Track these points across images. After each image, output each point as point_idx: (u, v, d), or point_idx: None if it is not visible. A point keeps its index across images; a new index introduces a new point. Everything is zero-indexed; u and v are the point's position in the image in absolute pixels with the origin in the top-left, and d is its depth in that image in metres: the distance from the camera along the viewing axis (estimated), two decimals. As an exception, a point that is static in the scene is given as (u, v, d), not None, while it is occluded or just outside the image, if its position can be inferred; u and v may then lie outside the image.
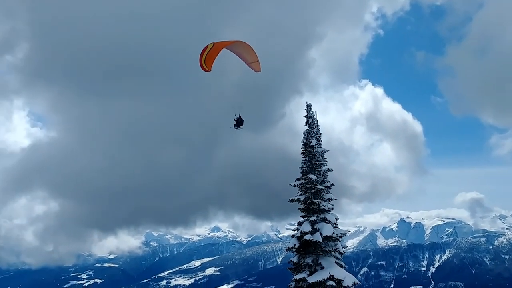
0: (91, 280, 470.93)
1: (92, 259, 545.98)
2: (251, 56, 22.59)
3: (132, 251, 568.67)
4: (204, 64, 20.54)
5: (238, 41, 21.79)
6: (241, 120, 23.28)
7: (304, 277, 22.77)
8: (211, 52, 20.43)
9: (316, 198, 24.16)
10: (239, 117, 23.42)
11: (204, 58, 20.46)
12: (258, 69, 23.47)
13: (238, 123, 23.39)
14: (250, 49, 22.09)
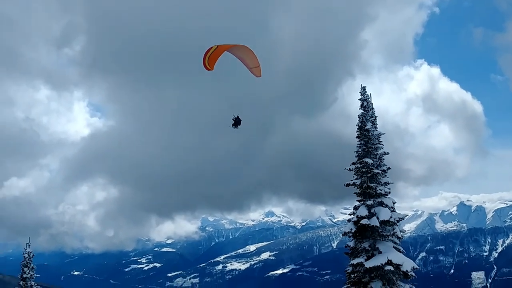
0: (150, 264, 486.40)
1: (151, 244, 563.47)
2: (252, 61, 22.81)
3: (188, 236, 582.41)
4: (207, 64, 21.15)
5: (241, 46, 22.01)
6: (238, 120, 23.69)
7: (362, 262, 22.57)
8: (214, 53, 20.98)
9: (373, 182, 23.80)
10: (237, 117, 23.81)
11: (207, 59, 21.02)
12: (259, 75, 23.68)
13: (236, 123, 23.85)
14: (252, 54, 22.33)
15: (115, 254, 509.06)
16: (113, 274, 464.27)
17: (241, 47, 22.13)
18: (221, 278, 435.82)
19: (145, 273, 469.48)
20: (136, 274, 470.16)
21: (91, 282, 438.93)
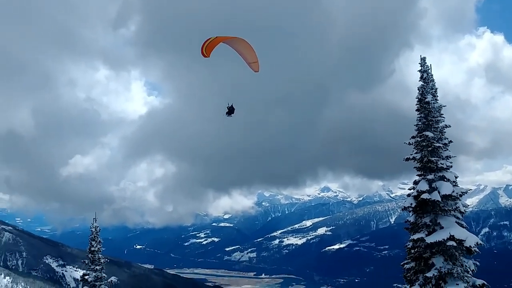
0: (209, 239, 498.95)
1: (209, 219, 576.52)
2: (251, 56, 22.74)
3: (245, 211, 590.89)
4: (205, 51, 21.79)
5: (238, 38, 22.16)
6: (232, 109, 23.98)
7: (422, 237, 22.12)
8: (211, 43, 21.66)
9: (433, 156, 23.12)
10: (231, 106, 24.09)
11: (205, 47, 21.73)
12: (257, 70, 23.50)
13: (230, 112, 24.16)
14: (250, 48, 22.30)
15: (175, 228, 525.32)
16: (173, 248, 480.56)
17: (238, 40, 22.30)
18: (277, 252, 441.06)
19: (203, 247, 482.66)
20: (195, 248, 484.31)
21: (153, 256, 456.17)
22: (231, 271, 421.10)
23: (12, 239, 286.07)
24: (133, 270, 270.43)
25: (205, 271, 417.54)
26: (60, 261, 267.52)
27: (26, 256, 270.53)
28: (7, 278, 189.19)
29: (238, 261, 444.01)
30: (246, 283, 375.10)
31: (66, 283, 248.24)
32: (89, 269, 16.75)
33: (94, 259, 16.89)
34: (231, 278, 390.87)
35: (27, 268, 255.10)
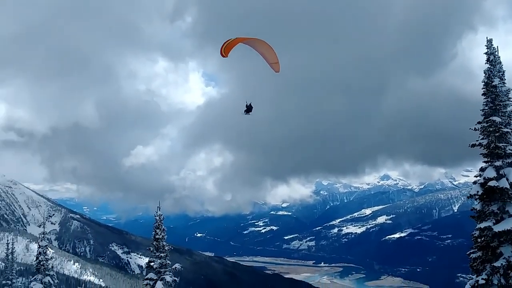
0: (267, 227, 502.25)
1: (267, 207, 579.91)
2: (272, 57, 22.93)
3: (303, 199, 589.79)
4: (223, 51, 21.97)
5: (258, 40, 22.53)
6: (250, 108, 24.29)
7: (490, 225, 21.27)
8: (230, 44, 21.88)
9: (501, 142, 22.08)
10: (249, 105, 24.29)
11: (224, 47, 21.88)
12: (278, 70, 23.66)
13: (248, 110, 24.43)
14: (270, 49, 22.63)
15: (234, 217, 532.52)
16: (233, 236, 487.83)
17: (258, 41, 22.62)
18: (336, 241, 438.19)
19: (262, 236, 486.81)
20: (254, 236, 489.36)
21: (213, 244, 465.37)
22: (290, 259, 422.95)
23: (80, 227, 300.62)
24: (194, 258, 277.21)
25: (264, 259, 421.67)
26: (125, 249, 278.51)
27: (93, 244, 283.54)
28: (76, 264, 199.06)
29: (297, 250, 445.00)
30: (305, 271, 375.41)
31: (131, 270, 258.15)
32: (154, 256, 17.33)
33: (159, 246, 17.45)
34: (290, 266, 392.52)
35: (95, 255, 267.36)
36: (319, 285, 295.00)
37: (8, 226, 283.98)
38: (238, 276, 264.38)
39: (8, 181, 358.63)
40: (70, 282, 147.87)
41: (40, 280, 18.02)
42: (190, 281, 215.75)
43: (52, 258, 18.68)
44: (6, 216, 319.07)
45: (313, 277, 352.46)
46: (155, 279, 17.32)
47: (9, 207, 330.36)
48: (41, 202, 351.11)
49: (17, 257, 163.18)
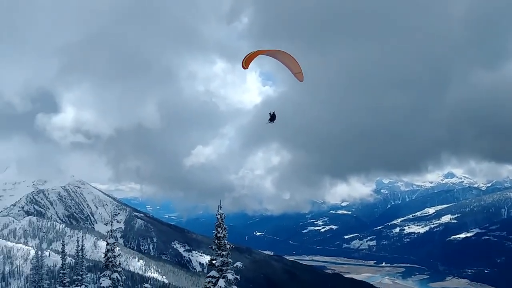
0: (327, 226, 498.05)
1: (326, 206, 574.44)
2: (295, 67, 23.71)
3: (363, 198, 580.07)
4: (244, 63, 22.92)
5: (280, 51, 23.39)
6: (274, 116, 24.75)
7: None
8: (251, 56, 22.83)
9: None
10: (272, 114, 24.80)
11: (245, 60, 22.83)
12: (301, 80, 24.37)
13: (272, 118, 24.91)
14: (293, 60, 23.44)
15: (293, 216, 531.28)
16: (292, 235, 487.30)
17: (280, 52, 23.48)
18: (398, 241, 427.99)
19: (322, 235, 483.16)
20: (313, 235, 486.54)
21: (272, 242, 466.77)
22: (351, 259, 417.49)
23: (144, 225, 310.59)
24: (254, 256, 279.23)
25: (324, 259, 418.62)
26: (186, 246, 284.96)
27: (157, 241, 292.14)
28: (141, 261, 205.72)
29: (357, 249, 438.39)
30: (366, 272, 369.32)
31: (193, 267, 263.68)
32: (216, 254, 17.56)
33: (220, 244, 17.67)
34: (351, 266, 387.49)
35: (158, 253, 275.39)
36: (381, 286, 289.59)
37: (78, 224, 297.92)
38: (298, 275, 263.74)
39: (77, 181, 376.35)
40: (135, 278, 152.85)
41: (108, 276, 18.75)
42: (250, 279, 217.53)
43: (119, 255, 19.38)
44: (76, 214, 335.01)
45: (375, 277, 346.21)
46: (217, 277, 17.56)
47: (78, 206, 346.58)
48: (107, 201, 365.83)
49: (86, 253, 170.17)
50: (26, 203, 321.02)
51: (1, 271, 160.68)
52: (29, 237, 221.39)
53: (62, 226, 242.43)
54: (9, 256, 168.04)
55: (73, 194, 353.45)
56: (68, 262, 27.41)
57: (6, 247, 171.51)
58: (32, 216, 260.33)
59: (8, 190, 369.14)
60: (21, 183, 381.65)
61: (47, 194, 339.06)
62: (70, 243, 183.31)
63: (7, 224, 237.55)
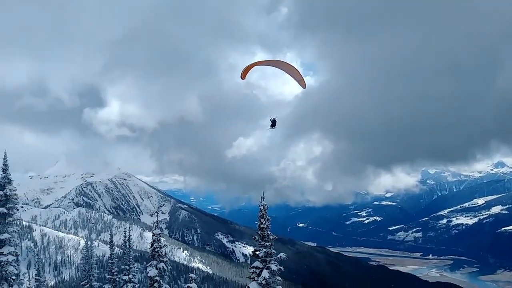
0: (371, 218, 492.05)
1: (370, 197, 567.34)
2: (296, 75, 24.79)
3: (408, 189, 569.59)
4: (242, 74, 24.70)
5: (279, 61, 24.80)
6: (275, 122, 26.04)
7: None
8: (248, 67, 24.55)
9: None
10: (273, 120, 26.01)
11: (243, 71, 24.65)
12: (304, 87, 25.61)
13: (272, 124, 26.14)
14: (293, 69, 24.59)
15: (335, 207, 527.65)
16: (335, 227, 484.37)
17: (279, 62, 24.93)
18: (446, 232, 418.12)
19: (365, 226, 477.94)
20: (357, 227, 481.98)
21: (315, 234, 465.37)
22: (396, 251, 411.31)
23: (188, 216, 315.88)
24: (296, 248, 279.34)
25: (368, 250, 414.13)
26: (229, 237, 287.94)
27: (200, 232, 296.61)
28: (185, 252, 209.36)
29: (403, 241, 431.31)
30: (412, 264, 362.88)
31: (236, 258, 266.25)
32: (259, 245, 17.56)
33: (264, 235, 17.64)
34: (396, 258, 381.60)
35: (202, 243, 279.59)
36: (428, 278, 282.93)
37: (124, 215, 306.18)
38: (342, 266, 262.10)
39: (123, 174, 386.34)
40: (180, 268, 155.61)
41: (155, 266, 19.10)
42: (293, 270, 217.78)
43: (165, 246, 19.72)
44: (122, 206, 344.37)
45: (421, 270, 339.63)
46: (261, 267, 17.56)
47: (125, 197, 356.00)
48: (152, 193, 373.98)
49: (133, 244, 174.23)
50: (75, 195, 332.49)
51: (53, 260, 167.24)
52: (79, 228, 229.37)
53: (109, 217, 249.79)
54: (61, 246, 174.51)
55: (119, 186, 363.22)
56: (116, 252, 28.16)
57: (58, 237, 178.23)
58: (81, 208, 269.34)
59: (59, 182, 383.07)
60: (71, 176, 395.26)
61: (95, 186, 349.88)
62: (118, 233, 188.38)
63: (59, 215, 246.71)
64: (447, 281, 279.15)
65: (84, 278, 29.74)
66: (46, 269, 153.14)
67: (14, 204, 19.56)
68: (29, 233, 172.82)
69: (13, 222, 19.55)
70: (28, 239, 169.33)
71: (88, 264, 29.72)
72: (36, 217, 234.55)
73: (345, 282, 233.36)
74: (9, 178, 19.54)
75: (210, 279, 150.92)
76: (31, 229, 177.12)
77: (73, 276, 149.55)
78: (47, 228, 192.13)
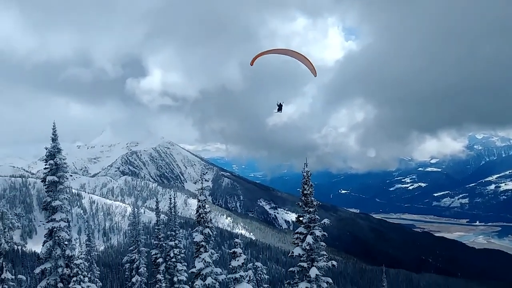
0: (415, 184, 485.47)
1: (414, 164, 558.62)
2: (307, 63, 25.18)
3: (454, 154, 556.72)
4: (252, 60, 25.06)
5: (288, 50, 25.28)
6: (281, 107, 26.73)
7: None
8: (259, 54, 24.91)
9: None
10: (280, 104, 26.69)
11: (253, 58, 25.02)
12: (315, 75, 25.84)
13: (279, 109, 26.78)
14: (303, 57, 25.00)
15: (379, 173, 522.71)
16: (378, 193, 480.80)
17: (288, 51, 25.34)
18: (493, 199, 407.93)
19: (410, 193, 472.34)
20: (401, 193, 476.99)
21: (358, 200, 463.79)
22: (441, 217, 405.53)
23: (230, 184, 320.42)
24: (339, 214, 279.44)
25: (412, 217, 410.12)
26: (272, 204, 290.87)
27: (243, 199, 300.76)
28: (229, 218, 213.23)
29: (448, 207, 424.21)
30: (458, 230, 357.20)
31: (279, 224, 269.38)
32: (303, 211, 17.55)
33: (307, 201, 17.59)
34: (441, 225, 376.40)
35: (244, 210, 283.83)
36: (474, 245, 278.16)
37: (169, 183, 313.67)
38: (385, 233, 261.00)
39: (167, 143, 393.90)
40: (224, 234, 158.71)
41: (200, 232, 19.43)
42: (336, 237, 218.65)
43: (210, 212, 20.02)
44: (167, 174, 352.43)
45: (467, 237, 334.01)
46: (305, 233, 17.58)
47: (168, 166, 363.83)
48: (195, 161, 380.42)
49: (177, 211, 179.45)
50: (121, 164, 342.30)
51: (102, 226, 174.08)
52: (125, 195, 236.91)
53: (154, 185, 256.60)
54: (109, 213, 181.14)
55: (163, 155, 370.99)
56: (162, 219, 28.93)
57: (106, 205, 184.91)
58: (127, 176, 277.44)
59: (105, 152, 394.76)
60: (116, 145, 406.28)
61: (139, 155, 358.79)
62: (163, 201, 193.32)
63: (106, 183, 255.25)
64: (495, 248, 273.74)
65: (132, 244, 30.73)
66: (96, 235, 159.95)
67: (64, 172, 20.18)
68: (79, 201, 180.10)
69: (64, 190, 20.22)
70: (77, 207, 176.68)
71: (136, 230, 30.63)
72: (84, 185, 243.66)
73: (388, 248, 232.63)
74: (59, 147, 20.11)
75: (253, 245, 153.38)
76: (80, 196, 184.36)
77: (121, 242, 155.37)
78: (95, 195, 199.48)
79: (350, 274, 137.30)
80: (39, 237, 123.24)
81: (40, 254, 20.10)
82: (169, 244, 28.19)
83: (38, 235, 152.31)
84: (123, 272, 40.46)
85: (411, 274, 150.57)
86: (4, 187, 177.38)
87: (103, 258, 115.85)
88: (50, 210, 20.26)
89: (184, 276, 27.84)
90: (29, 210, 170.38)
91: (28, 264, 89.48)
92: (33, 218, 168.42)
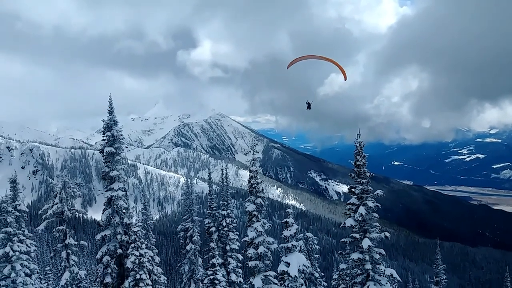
0: (472, 155, 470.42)
1: (471, 134, 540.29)
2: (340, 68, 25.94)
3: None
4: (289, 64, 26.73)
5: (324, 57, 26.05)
6: (309, 104, 27.65)
7: None
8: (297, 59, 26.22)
9: None
10: (309, 103, 27.61)
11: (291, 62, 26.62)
12: (346, 79, 26.90)
13: (308, 106, 27.67)
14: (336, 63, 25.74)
15: (434, 145, 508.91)
16: (433, 165, 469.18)
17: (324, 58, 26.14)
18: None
19: (467, 164, 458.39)
20: (457, 165, 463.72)
21: (411, 172, 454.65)
22: (500, 190, 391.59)
23: (280, 155, 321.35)
24: (391, 186, 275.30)
25: (468, 189, 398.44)
26: (322, 175, 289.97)
27: (293, 171, 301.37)
28: (279, 189, 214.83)
29: (508, 179, 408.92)
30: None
31: (329, 196, 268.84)
32: (355, 182, 17.35)
33: (360, 172, 17.35)
34: (500, 197, 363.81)
35: (295, 181, 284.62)
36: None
37: (220, 155, 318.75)
38: (440, 205, 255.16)
39: (217, 115, 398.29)
40: (274, 205, 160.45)
41: (252, 201, 19.66)
42: (388, 208, 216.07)
43: (261, 182, 20.22)
44: (218, 145, 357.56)
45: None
46: (358, 204, 17.41)
47: (220, 137, 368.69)
48: (245, 133, 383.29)
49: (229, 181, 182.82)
50: (174, 135, 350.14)
51: (157, 196, 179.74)
52: (178, 166, 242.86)
53: (206, 156, 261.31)
54: (163, 183, 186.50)
55: (214, 127, 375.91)
56: (214, 189, 29.52)
57: (160, 175, 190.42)
58: (180, 148, 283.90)
59: (158, 124, 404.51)
60: (169, 117, 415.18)
61: (191, 127, 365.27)
62: (214, 171, 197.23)
63: (159, 154, 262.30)
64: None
65: (186, 213, 31.49)
66: (151, 204, 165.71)
67: (120, 144, 20.84)
68: (134, 171, 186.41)
69: (121, 160, 20.91)
70: (133, 177, 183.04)
71: (189, 200, 31.35)
72: (139, 156, 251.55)
73: (443, 221, 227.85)
74: (115, 120, 20.73)
75: (304, 216, 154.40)
76: (136, 167, 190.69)
77: (175, 211, 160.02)
78: (149, 166, 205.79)
79: (402, 246, 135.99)
80: (98, 205, 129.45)
81: (100, 222, 21.06)
82: (221, 214, 28.73)
83: (98, 204, 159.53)
84: (177, 240, 41.86)
85: (467, 248, 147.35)
86: (65, 158, 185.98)
87: (158, 226, 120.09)
88: (109, 180, 21.05)
89: (236, 245, 28.39)
90: (88, 180, 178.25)
91: (88, 231, 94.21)
92: (92, 187, 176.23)
